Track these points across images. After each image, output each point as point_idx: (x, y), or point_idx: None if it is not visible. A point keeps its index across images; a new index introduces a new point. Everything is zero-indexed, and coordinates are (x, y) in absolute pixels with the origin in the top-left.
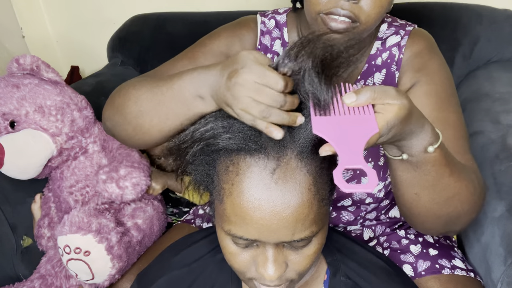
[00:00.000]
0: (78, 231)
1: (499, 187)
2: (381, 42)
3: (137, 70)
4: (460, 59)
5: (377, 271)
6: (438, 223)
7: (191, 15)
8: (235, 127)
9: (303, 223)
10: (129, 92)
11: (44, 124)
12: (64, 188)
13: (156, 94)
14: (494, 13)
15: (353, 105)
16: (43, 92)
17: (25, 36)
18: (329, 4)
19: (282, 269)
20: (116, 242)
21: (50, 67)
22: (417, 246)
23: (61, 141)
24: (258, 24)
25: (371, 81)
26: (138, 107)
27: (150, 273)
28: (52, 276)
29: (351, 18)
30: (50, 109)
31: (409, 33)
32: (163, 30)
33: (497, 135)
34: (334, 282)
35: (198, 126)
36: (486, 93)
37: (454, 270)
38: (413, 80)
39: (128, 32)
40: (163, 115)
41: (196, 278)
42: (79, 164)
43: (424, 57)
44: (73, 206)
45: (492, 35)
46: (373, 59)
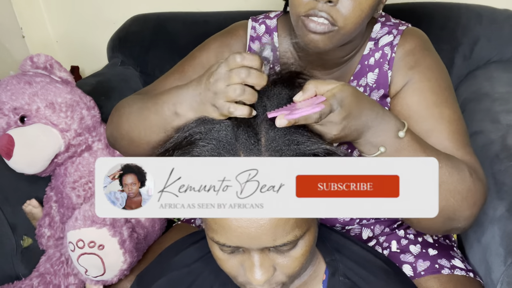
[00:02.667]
0: (93, 224)
1: (499, 187)
2: (374, 43)
3: (137, 70)
4: (460, 59)
5: (376, 270)
6: (435, 220)
7: (191, 15)
8: (211, 133)
9: (283, 228)
10: (123, 110)
11: (54, 120)
12: (67, 183)
13: (143, 110)
14: (494, 13)
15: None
16: (54, 90)
17: (25, 36)
18: (308, 6)
19: (269, 273)
20: (128, 236)
21: (62, 67)
22: (416, 246)
23: (69, 137)
24: (248, 30)
25: (364, 81)
26: (129, 123)
27: (150, 273)
28: (51, 275)
29: (329, 20)
30: (60, 105)
31: (401, 32)
32: (163, 30)
33: (497, 135)
34: (333, 282)
35: (180, 134)
36: (486, 93)
37: (453, 270)
38: (406, 78)
39: (128, 32)
40: (148, 128)
41: (195, 278)
42: (83, 160)
43: (417, 54)
44: (75, 202)
45: (492, 35)
46: (365, 59)
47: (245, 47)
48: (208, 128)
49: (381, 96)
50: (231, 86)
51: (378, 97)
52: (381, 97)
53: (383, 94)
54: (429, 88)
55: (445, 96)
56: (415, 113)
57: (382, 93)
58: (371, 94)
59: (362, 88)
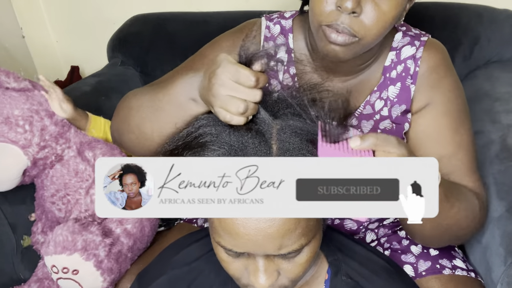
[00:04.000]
0: (64, 251)
1: (499, 187)
2: (395, 53)
3: (137, 70)
4: (460, 59)
5: (378, 270)
6: (440, 243)
7: (191, 15)
8: (222, 136)
9: (289, 237)
10: (131, 102)
11: (12, 137)
12: (47, 198)
13: (154, 101)
14: (494, 13)
15: (357, 148)
16: (10, 101)
17: (25, 36)
18: (331, 17)
19: (273, 278)
20: (105, 255)
21: (10, 76)
22: (417, 247)
23: (32, 152)
24: (262, 30)
25: (385, 94)
26: (140, 114)
27: (151, 272)
28: (49, 280)
29: (350, 32)
30: (17, 119)
31: (424, 43)
32: (163, 30)
33: (497, 135)
34: (335, 282)
35: (190, 129)
36: (486, 93)
37: (455, 270)
38: (429, 98)
39: (128, 32)
40: (161, 119)
41: (196, 277)
42: (56, 172)
43: (440, 73)
44: (58, 215)
45: (492, 35)
46: (387, 71)
47: (259, 47)
48: (219, 130)
49: (402, 112)
50: (234, 101)
51: (400, 112)
52: (402, 112)
53: (404, 110)
54: (450, 112)
55: (464, 121)
56: (437, 135)
57: (404, 108)
58: (392, 109)
59: (383, 102)
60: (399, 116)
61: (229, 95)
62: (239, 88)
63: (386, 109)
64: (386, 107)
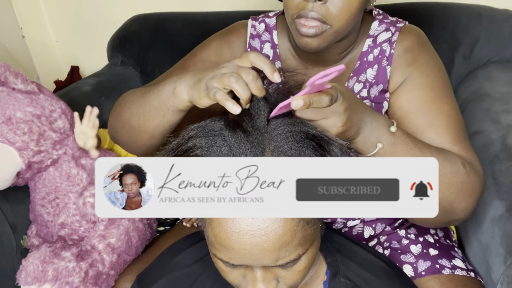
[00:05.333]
0: (34, 282)
1: (499, 187)
2: (372, 39)
3: (137, 70)
4: (460, 59)
5: (377, 271)
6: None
7: (191, 15)
8: (213, 149)
9: (286, 249)
10: (126, 99)
11: (10, 138)
12: (37, 200)
13: (145, 94)
14: (494, 13)
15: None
16: (14, 102)
17: (25, 36)
18: (299, 7)
19: (272, 286)
20: (80, 281)
21: (18, 77)
22: (417, 246)
23: (28, 156)
24: (248, 28)
25: (364, 77)
26: (131, 109)
27: (150, 274)
28: None
29: (320, 20)
30: (18, 121)
31: (400, 29)
32: (163, 30)
33: (497, 135)
34: (334, 283)
35: (180, 140)
36: (486, 93)
37: (454, 270)
38: (405, 75)
39: (128, 32)
40: (147, 112)
41: (196, 279)
42: (49, 175)
43: (415, 51)
44: (46, 219)
45: (492, 35)
46: (364, 56)
47: (245, 44)
48: (209, 142)
49: (380, 91)
50: (230, 74)
51: (378, 92)
52: (380, 92)
53: (382, 89)
54: (427, 84)
55: (443, 92)
56: (414, 108)
57: (381, 88)
58: (370, 89)
59: (362, 84)
60: (377, 95)
61: (229, 72)
62: (241, 68)
63: (365, 90)
64: (365, 88)
